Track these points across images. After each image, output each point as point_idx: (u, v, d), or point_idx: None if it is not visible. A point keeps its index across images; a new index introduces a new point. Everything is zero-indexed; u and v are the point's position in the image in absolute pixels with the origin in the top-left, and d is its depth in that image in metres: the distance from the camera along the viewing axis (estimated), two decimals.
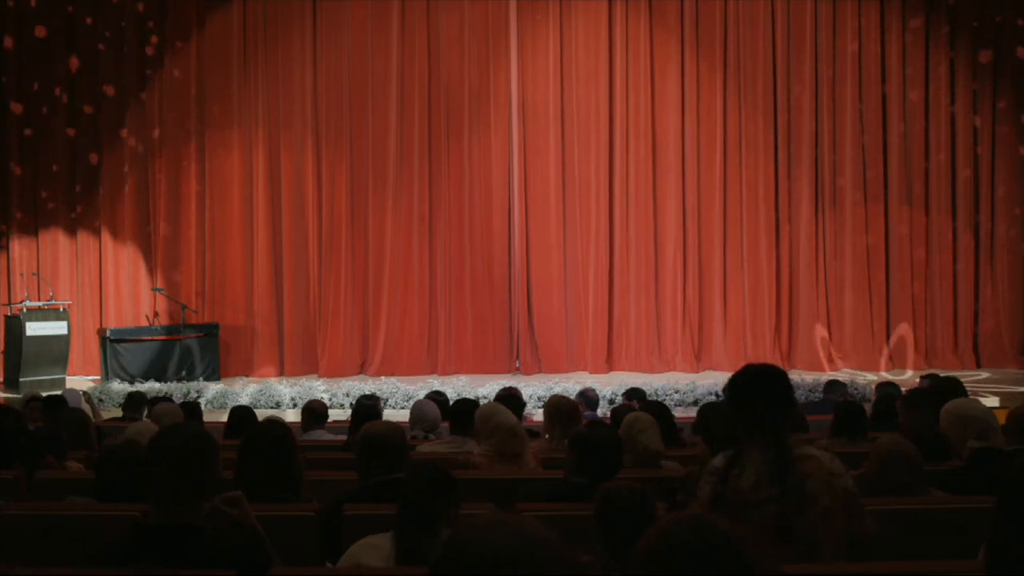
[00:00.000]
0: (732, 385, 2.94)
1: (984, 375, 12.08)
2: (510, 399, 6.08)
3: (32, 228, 13.17)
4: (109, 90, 13.15)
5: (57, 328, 11.83)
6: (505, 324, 13.09)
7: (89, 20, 13.10)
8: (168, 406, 6.03)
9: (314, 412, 6.52)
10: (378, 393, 9.47)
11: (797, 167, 13.12)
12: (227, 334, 12.85)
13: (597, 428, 4.18)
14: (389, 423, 4.13)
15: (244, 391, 11.01)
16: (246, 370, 12.88)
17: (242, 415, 6.31)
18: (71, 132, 13.17)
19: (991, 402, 9.39)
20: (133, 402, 7.70)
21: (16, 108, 13.12)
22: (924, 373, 8.73)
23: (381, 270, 13.15)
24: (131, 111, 13.22)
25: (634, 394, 7.79)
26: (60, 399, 6.95)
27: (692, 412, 9.36)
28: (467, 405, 5.55)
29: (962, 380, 6.25)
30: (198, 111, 13.25)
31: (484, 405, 5.12)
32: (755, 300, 13.05)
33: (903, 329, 12.92)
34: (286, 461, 3.49)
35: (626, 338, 13.10)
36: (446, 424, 5.83)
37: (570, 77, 13.17)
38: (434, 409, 6.04)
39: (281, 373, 12.92)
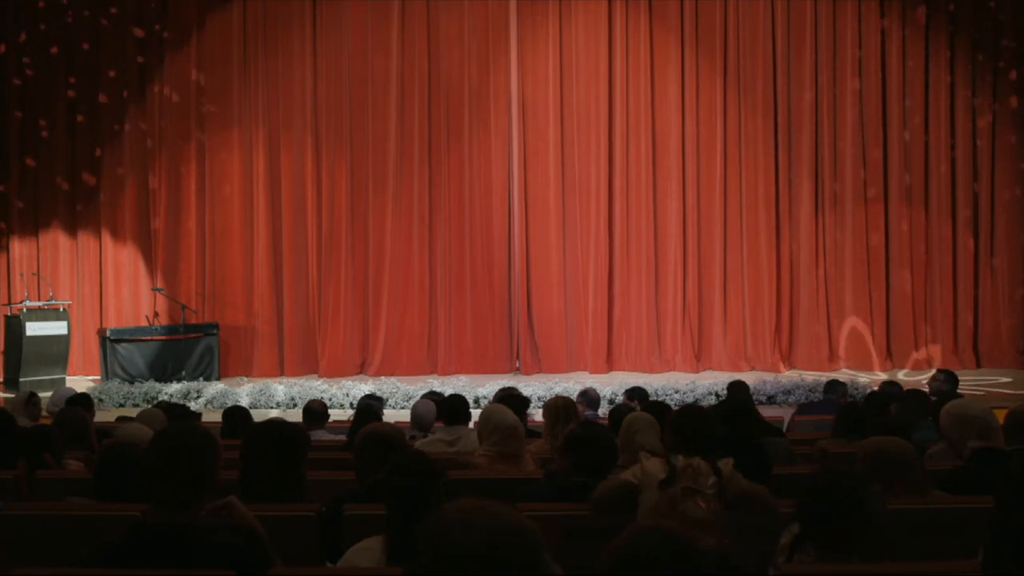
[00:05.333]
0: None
1: (1005, 379, 11.86)
2: (511, 399, 6.07)
3: (32, 228, 13.18)
4: (109, 90, 13.16)
5: (57, 328, 11.83)
6: (505, 324, 13.08)
7: (88, 19, 13.10)
8: (152, 412, 6.00)
9: (314, 412, 6.52)
10: (378, 393, 9.47)
11: (797, 167, 13.12)
12: (227, 334, 12.85)
13: (591, 428, 4.17)
14: (388, 423, 4.14)
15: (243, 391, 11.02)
16: (246, 370, 12.88)
17: (236, 415, 6.31)
18: (71, 132, 13.18)
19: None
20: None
21: (17, 108, 13.13)
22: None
23: (381, 270, 13.14)
24: (131, 111, 13.22)
25: (635, 394, 7.75)
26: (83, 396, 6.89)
27: None
28: (456, 400, 5.76)
29: (967, 380, 6.24)
30: (198, 111, 13.25)
31: (485, 406, 5.13)
32: (755, 300, 13.04)
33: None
34: (291, 462, 3.47)
35: (626, 338, 13.09)
36: (440, 424, 5.84)
37: (570, 77, 13.16)
38: (434, 409, 6.05)
39: (281, 373, 12.92)
